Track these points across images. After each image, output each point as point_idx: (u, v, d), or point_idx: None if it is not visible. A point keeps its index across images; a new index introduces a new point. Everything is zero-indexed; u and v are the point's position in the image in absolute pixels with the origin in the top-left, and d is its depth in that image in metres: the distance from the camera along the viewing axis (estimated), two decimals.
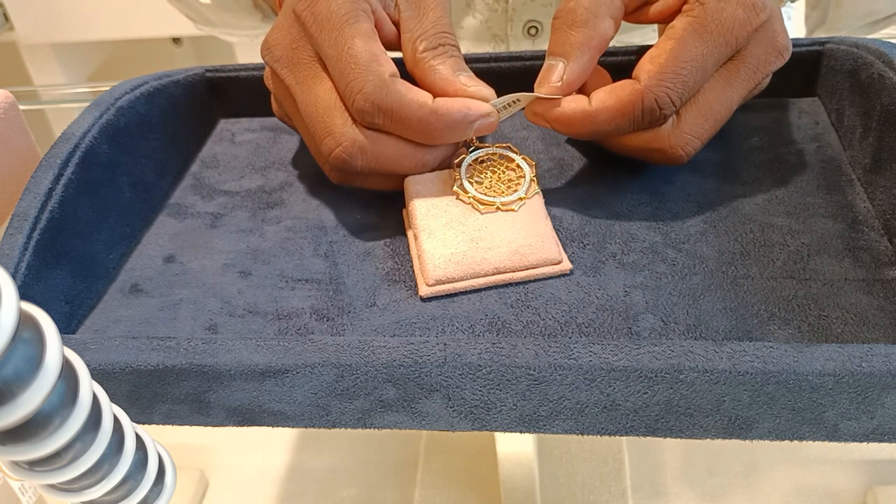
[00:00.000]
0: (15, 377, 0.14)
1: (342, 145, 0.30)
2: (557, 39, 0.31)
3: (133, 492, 0.19)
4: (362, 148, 0.30)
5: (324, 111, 0.31)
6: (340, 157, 0.30)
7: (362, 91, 0.29)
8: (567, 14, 0.31)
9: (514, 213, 0.31)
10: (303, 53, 0.31)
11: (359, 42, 0.30)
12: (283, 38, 0.32)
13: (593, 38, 0.31)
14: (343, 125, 0.30)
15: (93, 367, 0.26)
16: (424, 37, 0.32)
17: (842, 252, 0.29)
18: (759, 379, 0.23)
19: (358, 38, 0.30)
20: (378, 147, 0.30)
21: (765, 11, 0.30)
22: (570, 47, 0.31)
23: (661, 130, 0.31)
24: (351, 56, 0.29)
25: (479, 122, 0.30)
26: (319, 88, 0.31)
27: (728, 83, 0.31)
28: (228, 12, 0.54)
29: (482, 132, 0.31)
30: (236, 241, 0.34)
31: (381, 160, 0.31)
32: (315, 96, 0.31)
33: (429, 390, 0.25)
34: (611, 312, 0.28)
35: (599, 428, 0.25)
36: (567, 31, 0.31)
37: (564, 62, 0.31)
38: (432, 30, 0.32)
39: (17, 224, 0.30)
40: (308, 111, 0.31)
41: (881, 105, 0.32)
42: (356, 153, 0.30)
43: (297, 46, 0.32)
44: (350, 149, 0.30)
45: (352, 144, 0.30)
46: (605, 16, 0.31)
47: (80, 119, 0.34)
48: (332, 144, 0.30)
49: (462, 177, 0.31)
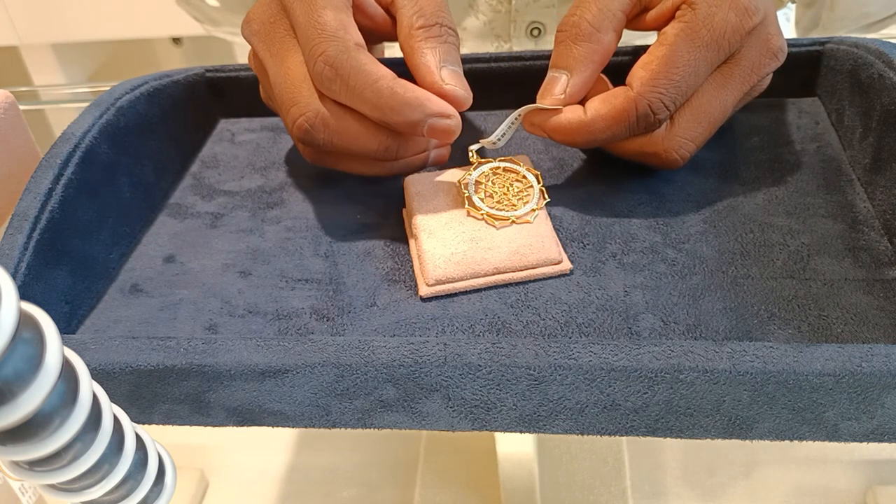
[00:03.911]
0: (15, 377, 0.14)
1: (305, 115, 0.30)
2: (561, 53, 0.31)
3: (133, 492, 0.19)
4: (325, 120, 0.30)
5: (292, 82, 0.31)
6: (303, 126, 0.31)
7: (324, 54, 0.29)
8: (571, 28, 0.31)
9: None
10: (279, 27, 0.32)
11: (329, 12, 0.30)
12: (263, 13, 0.33)
13: (597, 53, 0.31)
14: (309, 96, 0.30)
15: (93, 367, 0.26)
16: (421, 13, 0.31)
17: (842, 252, 0.29)
18: (759, 379, 0.23)
19: (329, 9, 0.30)
20: (341, 122, 0.30)
21: (757, 14, 0.30)
22: (573, 61, 0.31)
23: (655, 135, 0.31)
24: (319, 24, 0.30)
25: (435, 121, 0.29)
26: (291, 60, 0.31)
27: (722, 86, 0.31)
28: (234, 13, 0.55)
29: (437, 136, 0.30)
30: (236, 241, 0.34)
31: (343, 136, 0.31)
32: (286, 68, 0.31)
33: (429, 390, 0.25)
34: (611, 312, 0.28)
35: (599, 428, 0.25)
36: (571, 45, 0.31)
37: (568, 75, 0.31)
38: (430, 7, 0.32)
39: (17, 224, 0.30)
40: (277, 82, 0.31)
41: (881, 105, 0.32)
42: (318, 125, 0.30)
43: (275, 21, 0.32)
44: (312, 119, 0.30)
45: (315, 115, 0.30)
46: (609, 30, 0.31)
47: (80, 119, 0.34)
48: (296, 114, 0.31)
49: (471, 193, 0.31)
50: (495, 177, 0.32)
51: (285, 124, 0.33)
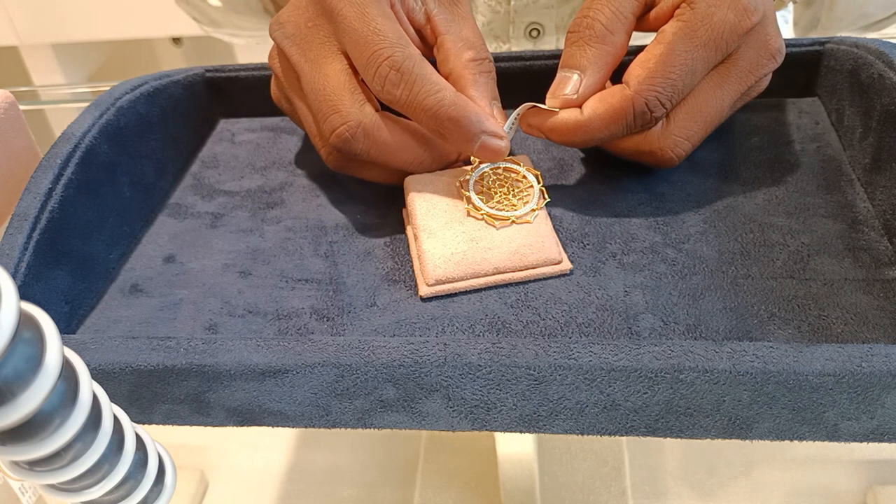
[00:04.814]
0: (15, 377, 0.14)
1: (347, 123, 0.30)
2: (573, 53, 0.31)
3: (133, 492, 0.19)
4: (366, 130, 0.30)
5: (333, 89, 0.31)
6: (343, 135, 0.30)
7: (391, 58, 0.29)
8: (584, 29, 0.31)
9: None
10: (317, 32, 0.31)
11: (386, 22, 0.30)
12: (298, 16, 0.32)
13: (610, 54, 0.31)
14: (351, 104, 0.30)
15: (93, 367, 0.26)
16: (470, 45, 0.32)
17: (842, 252, 0.29)
18: (759, 379, 0.23)
19: (384, 19, 0.30)
20: (381, 133, 0.30)
21: (756, 14, 0.30)
22: (587, 61, 0.31)
23: (650, 133, 0.31)
24: (380, 31, 0.30)
25: (488, 139, 0.30)
26: (331, 68, 0.31)
27: (719, 86, 0.31)
28: (237, 14, 0.54)
29: (485, 154, 0.31)
30: (236, 241, 0.34)
31: (381, 147, 0.31)
32: (325, 75, 0.31)
33: (429, 390, 0.25)
34: (611, 312, 0.28)
35: (599, 428, 0.25)
36: (584, 45, 0.31)
37: (580, 75, 0.31)
38: (475, 38, 0.33)
39: (17, 224, 0.30)
40: (315, 89, 0.31)
41: (881, 105, 0.32)
42: (359, 134, 0.30)
43: (313, 25, 0.32)
44: (354, 129, 0.30)
45: (357, 125, 0.30)
46: (622, 32, 0.31)
47: (80, 119, 0.34)
48: (336, 122, 0.30)
49: (471, 193, 0.31)
50: (495, 177, 0.32)
51: (315, 134, 0.33)
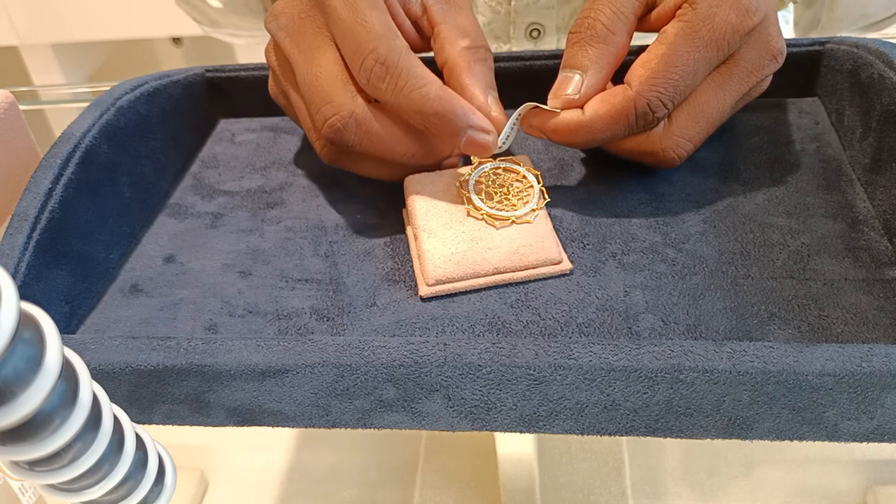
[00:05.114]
0: (15, 377, 0.14)
1: (339, 114, 0.30)
2: (575, 53, 0.31)
3: (133, 492, 0.19)
4: (358, 121, 0.30)
5: (325, 80, 0.31)
6: (335, 125, 0.30)
7: (375, 51, 0.29)
8: (586, 30, 0.31)
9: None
10: (310, 23, 0.32)
11: (375, 13, 0.30)
12: (292, 8, 0.32)
13: (612, 55, 0.31)
14: (343, 95, 0.30)
15: (93, 367, 0.26)
16: (466, 34, 0.32)
17: (842, 252, 0.29)
18: (759, 379, 0.23)
19: (374, 10, 0.30)
20: (373, 124, 0.30)
21: (757, 14, 0.30)
22: (588, 62, 0.31)
23: (652, 133, 0.31)
24: (367, 23, 0.30)
25: (474, 133, 0.30)
26: (324, 58, 0.31)
27: (720, 86, 0.31)
28: (237, 15, 0.54)
29: (472, 149, 0.30)
30: (236, 241, 0.34)
31: (373, 138, 0.31)
32: (318, 66, 0.31)
33: (429, 390, 0.25)
34: (611, 312, 0.28)
35: (599, 428, 0.25)
36: (586, 46, 0.31)
37: (582, 75, 0.31)
38: (472, 27, 0.32)
39: (17, 224, 0.30)
40: (308, 80, 0.31)
41: (881, 105, 0.32)
42: (351, 125, 0.30)
43: (306, 16, 0.32)
44: (346, 119, 0.30)
45: (349, 115, 0.30)
46: (623, 32, 0.31)
47: (80, 119, 0.34)
48: (328, 112, 0.30)
49: (471, 193, 0.31)
50: (495, 177, 0.32)
51: (310, 121, 0.33)
